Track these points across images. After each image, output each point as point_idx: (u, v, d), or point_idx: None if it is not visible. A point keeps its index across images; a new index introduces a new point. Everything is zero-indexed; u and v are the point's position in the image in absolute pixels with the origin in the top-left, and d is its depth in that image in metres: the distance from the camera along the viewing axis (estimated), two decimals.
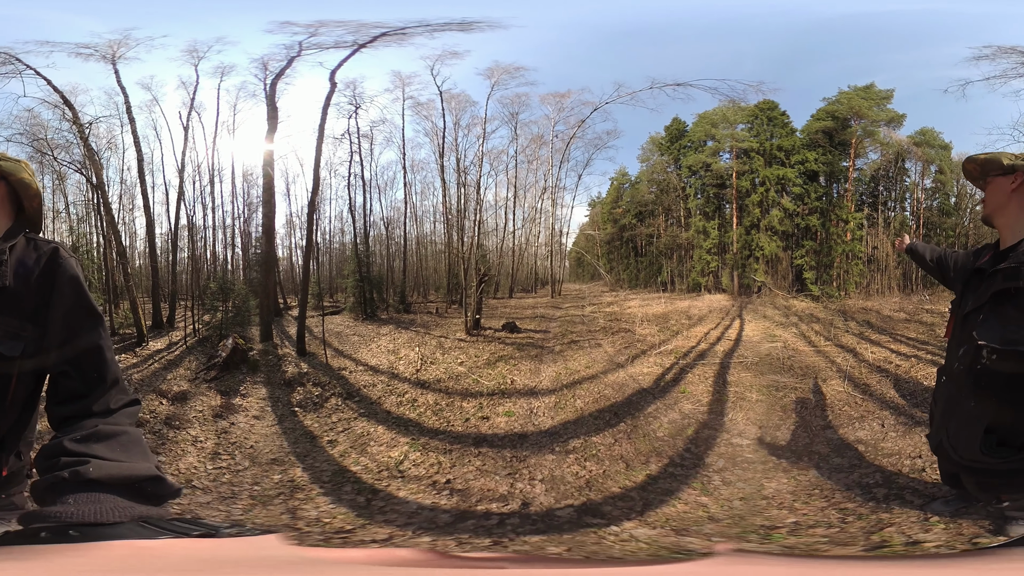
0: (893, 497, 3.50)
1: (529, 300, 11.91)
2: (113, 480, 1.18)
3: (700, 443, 4.80)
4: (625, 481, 4.06)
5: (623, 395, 6.11)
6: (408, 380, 6.83)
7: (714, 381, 6.55)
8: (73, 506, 1.10)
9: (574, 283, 13.99)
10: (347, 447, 4.82)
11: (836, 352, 7.62)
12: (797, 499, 3.66)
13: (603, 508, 3.66)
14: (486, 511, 3.67)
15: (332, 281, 11.36)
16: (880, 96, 10.95)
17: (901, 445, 4.44)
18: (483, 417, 5.51)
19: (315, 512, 3.62)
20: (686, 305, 10.83)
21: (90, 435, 1.29)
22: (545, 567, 1.31)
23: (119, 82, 8.05)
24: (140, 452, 1.31)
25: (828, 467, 4.16)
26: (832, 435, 4.90)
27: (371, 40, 7.70)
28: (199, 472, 4.41)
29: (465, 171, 10.33)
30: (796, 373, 6.79)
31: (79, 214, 8.96)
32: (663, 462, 4.41)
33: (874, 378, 6.44)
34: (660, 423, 5.23)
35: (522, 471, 4.17)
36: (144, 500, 1.20)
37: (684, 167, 11.99)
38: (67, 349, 1.39)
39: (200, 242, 9.76)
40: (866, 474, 3.93)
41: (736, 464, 4.35)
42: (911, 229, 11.43)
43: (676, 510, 3.62)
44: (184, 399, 6.07)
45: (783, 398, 5.92)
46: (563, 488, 3.93)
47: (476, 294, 9.10)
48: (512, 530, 3.38)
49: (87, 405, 1.38)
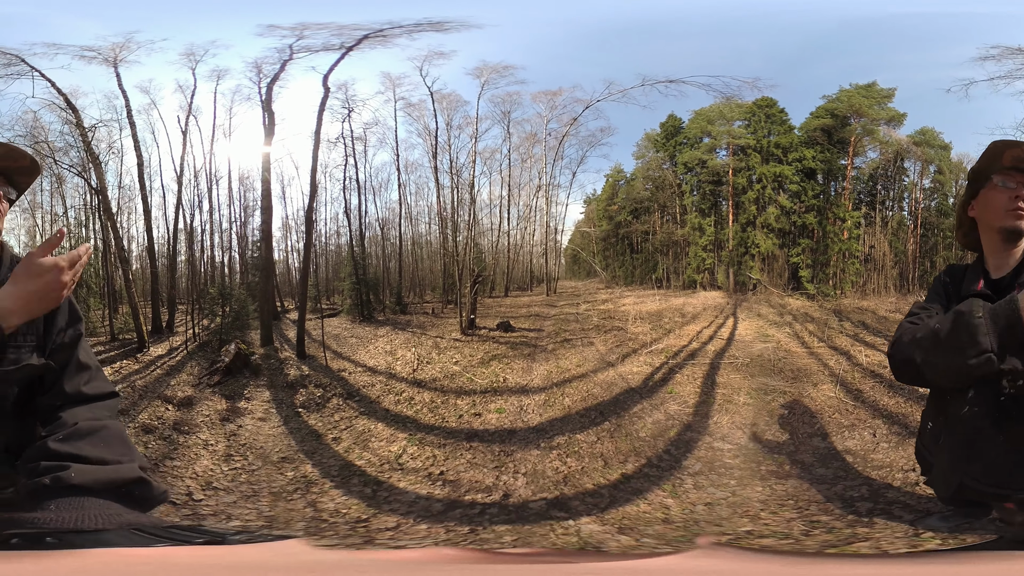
0: (879, 511, 3.47)
1: (524, 299, 12.32)
2: (98, 484, 1.23)
3: (681, 445, 4.99)
4: (600, 479, 4.35)
5: (611, 394, 6.45)
6: (405, 380, 7.33)
7: (703, 382, 6.76)
8: (54, 512, 1.13)
9: (570, 280, 14.37)
10: (350, 443, 5.39)
11: (829, 354, 7.77)
12: (766, 508, 3.71)
13: (571, 503, 3.96)
14: (472, 501, 4.09)
15: (329, 284, 11.80)
16: (882, 95, 11.17)
17: (893, 457, 4.42)
18: (475, 414, 6.02)
19: (332, 504, 4.08)
20: (681, 302, 11.18)
21: (72, 433, 1.37)
22: (523, 562, 1.34)
23: (120, 85, 8.42)
24: (123, 448, 1.40)
25: (810, 477, 4.17)
26: (820, 443, 4.94)
27: (356, 43, 8.05)
28: (216, 474, 4.78)
29: (459, 171, 10.74)
30: (787, 376, 6.93)
31: (79, 218, 9.37)
32: (640, 462, 4.65)
33: (868, 383, 6.49)
34: (644, 423, 5.52)
35: (508, 464, 4.66)
36: (132, 504, 1.26)
37: (680, 164, 12.31)
38: (55, 347, 1.59)
39: (198, 246, 10.20)
40: (851, 486, 3.91)
41: (713, 469, 4.47)
42: (909, 229, 11.76)
43: (637, 510, 3.80)
44: (190, 404, 6.51)
45: (771, 402, 6.05)
46: (542, 482, 4.32)
47: (471, 294, 9.60)
48: (489, 519, 3.74)
49: (61, 387, 1.55)
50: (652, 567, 1.16)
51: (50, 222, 9.33)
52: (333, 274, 11.83)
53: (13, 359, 1.51)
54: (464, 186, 10.68)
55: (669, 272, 12.74)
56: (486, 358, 8.06)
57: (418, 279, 12.49)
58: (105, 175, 8.69)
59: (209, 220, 10.24)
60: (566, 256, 14.72)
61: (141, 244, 9.77)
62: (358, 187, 10.68)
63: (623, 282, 13.39)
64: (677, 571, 1.10)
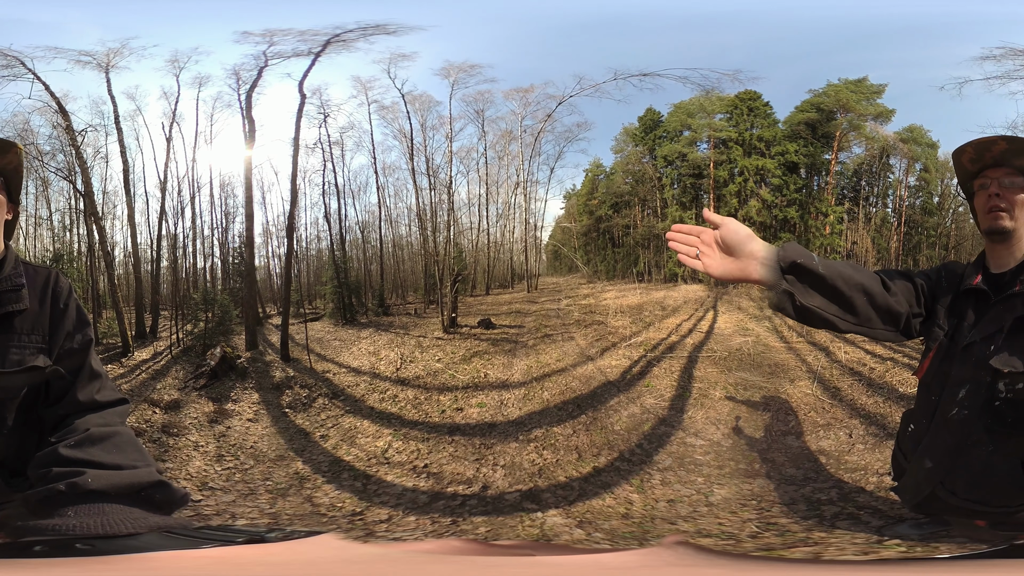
0: (845, 516, 3.45)
1: (506, 296, 12.63)
2: (116, 489, 1.23)
3: (654, 440, 5.13)
4: (572, 471, 4.59)
5: (589, 387, 6.73)
6: (389, 379, 7.73)
7: (679, 376, 6.94)
8: (75, 519, 1.13)
9: (551, 276, 14.64)
10: (338, 440, 5.83)
11: (808, 350, 7.89)
12: (726, 508, 3.74)
13: (543, 495, 4.18)
14: (454, 492, 4.42)
15: (311, 288, 12.12)
16: (871, 90, 11.32)
17: (868, 459, 4.38)
18: (457, 408, 6.45)
19: (326, 499, 4.43)
20: (661, 296, 11.50)
21: (84, 439, 1.36)
22: (493, 554, 1.35)
23: (109, 91, 8.70)
24: (137, 453, 1.40)
25: (778, 477, 4.20)
26: (793, 442, 4.99)
27: (323, 48, 8.39)
28: (210, 474, 5.04)
29: (436, 171, 10.99)
30: (764, 371, 7.07)
31: (64, 222, 9.67)
32: (613, 455, 4.85)
33: (846, 381, 6.56)
34: (619, 417, 5.77)
35: (488, 457, 5.07)
36: (153, 508, 1.26)
37: (659, 157, 12.47)
38: (63, 353, 1.57)
39: (180, 252, 10.53)
40: (820, 489, 3.90)
41: (683, 465, 4.57)
42: (893, 226, 11.87)
43: (602, 504, 3.95)
44: (177, 407, 6.79)
45: (748, 398, 6.19)
46: (518, 474, 4.62)
47: (451, 293, 9.97)
48: (468, 511, 4.01)
49: (74, 396, 1.52)
50: (608, 562, 1.18)
51: (34, 225, 9.62)
52: (315, 278, 12.13)
53: (16, 360, 1.49)
54: (442, 186, 10.97)
55: (650, 266, 13.01)
56: (468, 355, 8.46)
57: (400, 280, 12.78)
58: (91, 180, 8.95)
59: (192, 226, 10.61)
60: (547, 252, 15.02)
61: (124, 249, 10.06)
62: (337, 191, 11.10)
63: (605, 276, 13.67)
64: (632, 567, 1.12)
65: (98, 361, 1.65)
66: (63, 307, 1.60)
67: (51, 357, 1.54)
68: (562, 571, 1.11)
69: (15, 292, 1.52)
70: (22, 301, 1.52)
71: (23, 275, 1.56)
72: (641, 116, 12.67)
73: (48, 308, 1.58)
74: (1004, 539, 1.80)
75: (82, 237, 9.66)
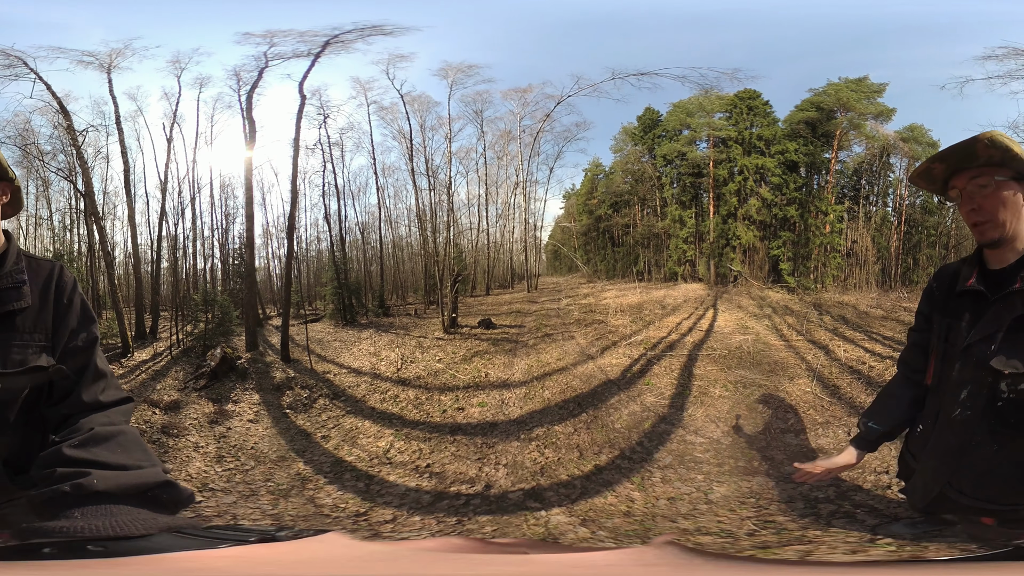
0: (841, 515, 3.47)
1: (506, 296, 12.66)
2: (123, 490, 1.21)
3: (654, 438, 5.15)
4: (574, 470, 4.60)
5: (589, 386, 6.74)
6: (390, 379, 7.76)
7: (680, 374, 6.96)
8: (82, 520, 1.10)
9: (551, 276, 14.69)
10: (339, 441, 5.86)
11: (807, 348, 7.91)
12: (724, 506, 3.76)
13: (546, 493, 4.20)
14: (457, 492, 4.40)
15: (311, 289, 12.16)
16: (872, 89, 11.34)
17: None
18: (459, 408, 6.48)
19: (329, 500, 4.45)
20: (662, 294, 11.52)
21: (88, 439, 1.33)
22: (492, 551, 1.36)
23: (111, 91, 8.79)
24: (142, 453, 1.37)
25: (777, 475, 4.21)
26: (792, 440, 5.01)
27: (322, 48, 8.45)
28: (211, 475, 5.06)
29: (435, 172, 11.05)
30: (764, 369, 7.07)
31: (64, 222, 9.72)
32: (614, 454, 4.86)
33: (845, 379, 6.58)
34: (620, 415, 5.78)
35: (490, 456, 5.10)
36: (160, 508, 1.24)
37: (659, 156, 12.53)
38: (67, 351, 1.53)
39: (180, 252, 10.58)
40: (818, 487, 3.86)
41: (683, 463, 4.58)
42: (893, 225, 11.90)
43: (605, 502, 3.97)
44: (177, 408, 6.82)
45: (748, 396, 6.18)
46: (520, 473, 4.65)
47: (451, 293, 10.01)
48: (473, 511, 4.02)
49: (78, 396, 1.48)
50: (598, 560, 1.20)
51: (35, 225, 9.67)
52: (315, 279, 12.18)
53: (19, 359, 1.46)
54: (441, 187, 11.01)
55: (650, 265, 13.05)
56: (468, 355, 8.49)
57: (400, 281, 12.83)
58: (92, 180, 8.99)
59: (192, 227, 10.67)
60: (547, 252, 15.12)
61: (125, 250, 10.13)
62: (337, 192, 11.16)
63: (605, 276, 13.72)
64: (621, 565, 1.13)
65: (103, 359, 1.61)
66: (67, 303, 1.56)
67: (54, 355, 1.50)
68: (553, 568, 1.15)
69: (16, 289, 1.47)
70: (24, 298, 1.48)
71: (24, 270, 1.51)
72: (640, 115, 12.78)
73: (51, 304, 1.53)
74: (1004, 539, 1.87)
75: (82, 237, 9.76)
